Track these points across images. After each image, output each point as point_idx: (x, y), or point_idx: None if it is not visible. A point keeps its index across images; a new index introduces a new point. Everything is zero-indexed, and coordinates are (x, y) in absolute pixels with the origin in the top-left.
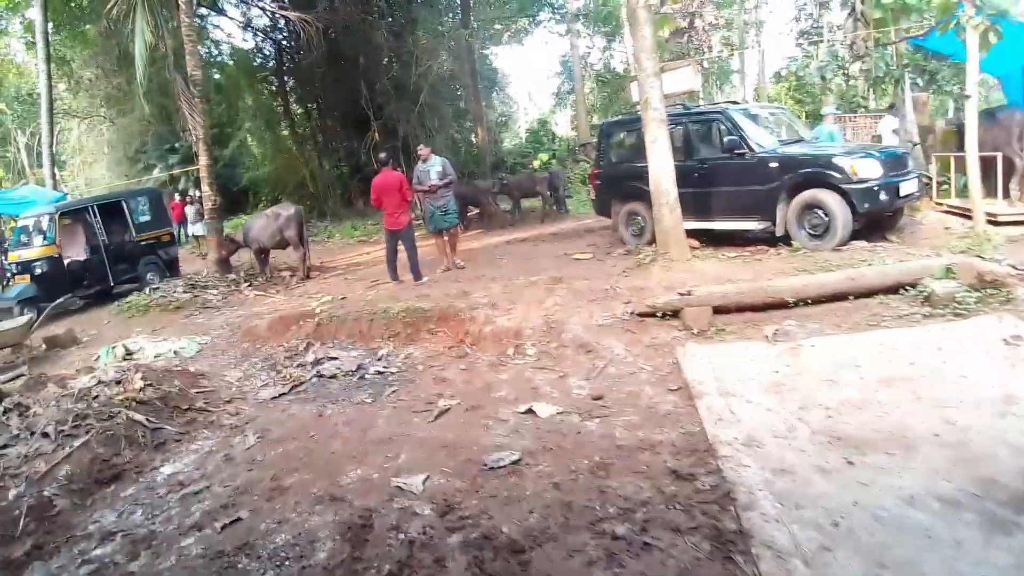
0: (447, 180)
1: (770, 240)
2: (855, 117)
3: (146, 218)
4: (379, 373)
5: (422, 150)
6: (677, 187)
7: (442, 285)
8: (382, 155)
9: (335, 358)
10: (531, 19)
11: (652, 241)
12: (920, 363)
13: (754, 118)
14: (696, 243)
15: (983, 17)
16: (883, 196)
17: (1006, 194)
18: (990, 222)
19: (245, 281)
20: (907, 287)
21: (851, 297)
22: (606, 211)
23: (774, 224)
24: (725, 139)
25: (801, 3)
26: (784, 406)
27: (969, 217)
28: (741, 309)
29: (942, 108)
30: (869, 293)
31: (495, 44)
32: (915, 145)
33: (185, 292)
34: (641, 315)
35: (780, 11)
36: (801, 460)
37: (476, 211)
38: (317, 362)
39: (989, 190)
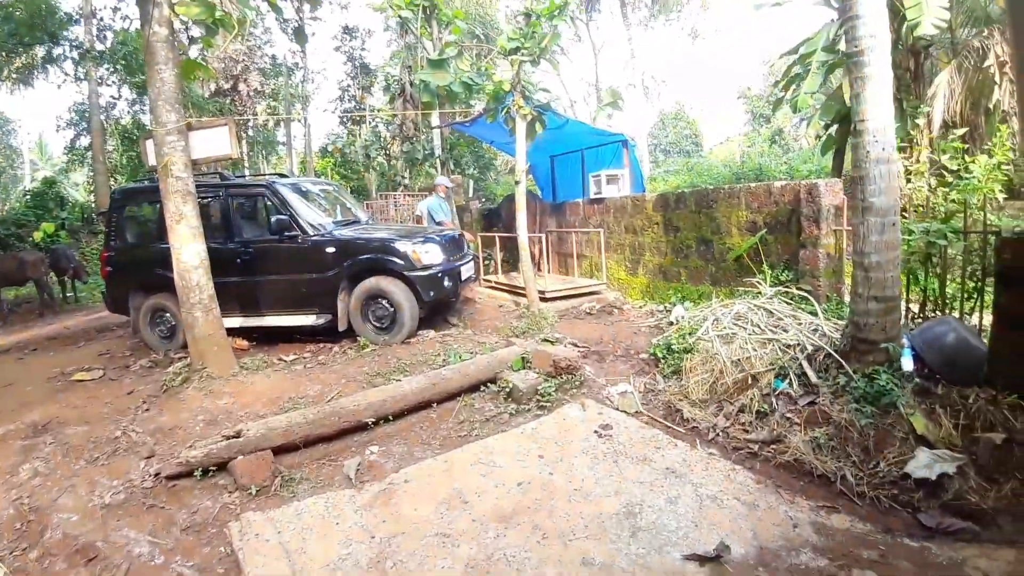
0: None
1: (333, 334)
2: (397, 196)
3: None
4: None
5: None
6: (216, 277)
7: None
8: None
9: None
10: (44, 53)
11: (187, 344)
12: (529, 482)
13: (305, 195)
14: (244, 344)
15: (531, 107)
16: (447, 283)
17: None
18: (540, 299)
19: None
20: (488, 383)
21: (435, 404)
22: (123, 306)
23: (336, 317)
24: (273, 218)
25: (345, 84)
26: None
27: (515, 293)
28: (312, 442)
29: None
30: (452, 396)
31: None
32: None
33: None
34: (172, 477)
35: (326, 89)
36: None
37: None
38: None
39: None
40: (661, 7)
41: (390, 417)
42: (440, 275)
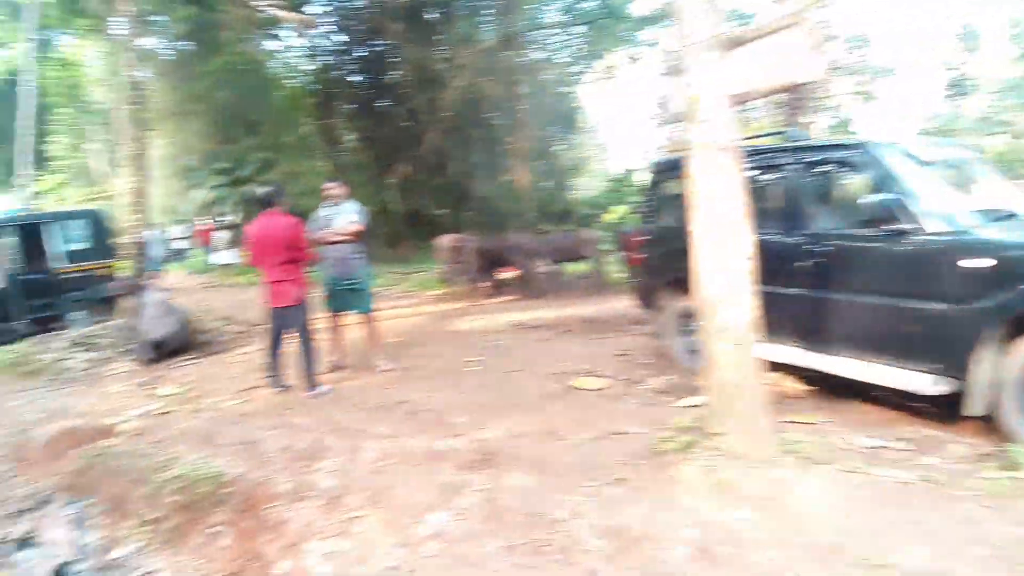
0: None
1: (951, 409)
2: None
3: (81, 246)
4: None
5: (332, 188)
6: (765, 284)
7: (335, 409)
8: (265, 190)
9: None
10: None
11: None
12: None
13: (927, 165)
14: (799, 388)
15: None
16: None
17: None
18: None
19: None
20: None
21: None
22: (649, 300)
23: (962, 381)
24: (867, 199)
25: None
26: None
27: None
28: None
29: None
30: None
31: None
32: None
33: (63, 351)
34: None
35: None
36: None
37: (509, 272)
38: None
39: None
40: None
41: None
42: None
